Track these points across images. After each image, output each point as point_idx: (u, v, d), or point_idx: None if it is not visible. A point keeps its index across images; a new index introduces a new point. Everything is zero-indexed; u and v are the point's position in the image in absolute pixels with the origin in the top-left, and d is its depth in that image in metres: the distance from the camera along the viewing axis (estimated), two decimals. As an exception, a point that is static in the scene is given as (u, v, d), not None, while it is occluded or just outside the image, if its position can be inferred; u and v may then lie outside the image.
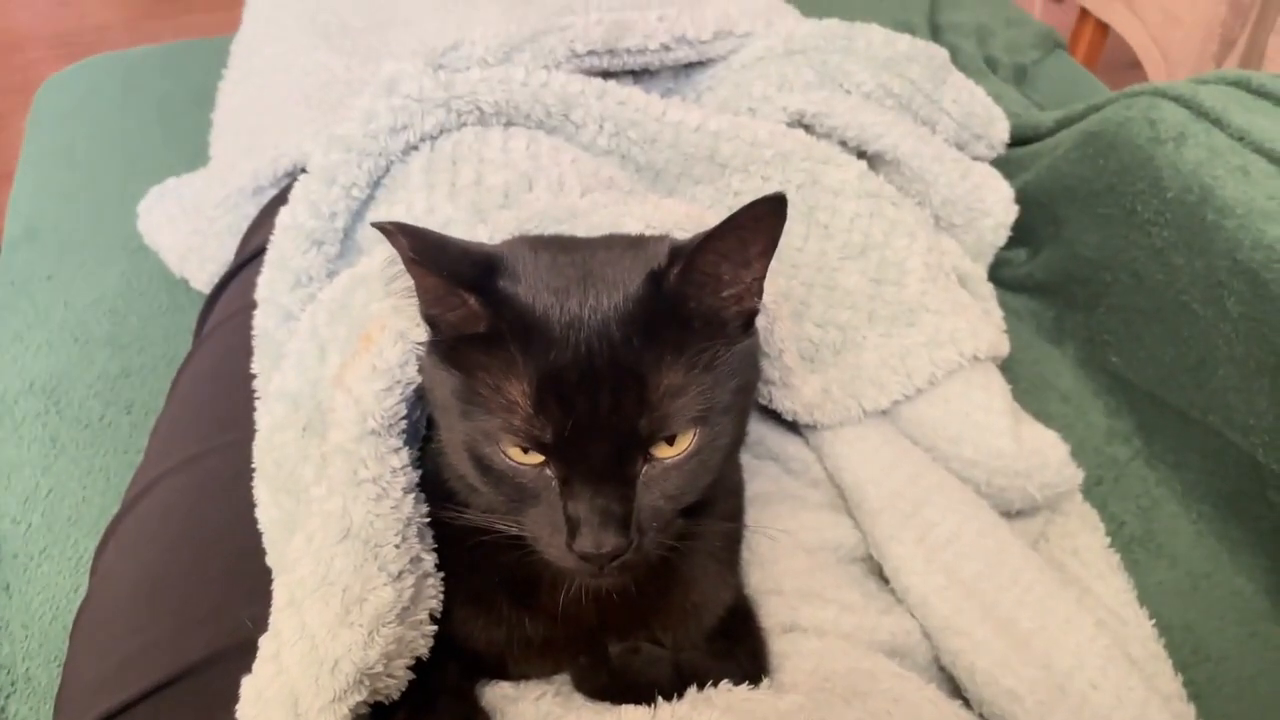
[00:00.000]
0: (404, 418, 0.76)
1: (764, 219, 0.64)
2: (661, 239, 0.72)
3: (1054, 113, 1.42)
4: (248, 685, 0.68)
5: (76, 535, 1.11)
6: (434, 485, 0.77)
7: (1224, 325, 1.06)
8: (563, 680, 0.79)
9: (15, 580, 1.08)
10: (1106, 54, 2.68)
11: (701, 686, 0.73)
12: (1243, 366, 1.05)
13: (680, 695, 0.72)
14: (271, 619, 0.71)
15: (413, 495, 0.75)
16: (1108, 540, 1.05)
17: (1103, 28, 2.58)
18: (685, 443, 0.66)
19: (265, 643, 0.70)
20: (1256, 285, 1.02)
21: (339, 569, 0.70)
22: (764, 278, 0.69)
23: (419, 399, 0.78)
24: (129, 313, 1.34)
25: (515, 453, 0.65)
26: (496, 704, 0.77)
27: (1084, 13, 2.62)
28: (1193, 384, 1.12)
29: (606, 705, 0.75)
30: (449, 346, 0.67)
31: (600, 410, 0.62)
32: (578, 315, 0.63)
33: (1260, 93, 1.18)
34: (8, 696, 0.99)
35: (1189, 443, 1.13)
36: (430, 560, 0.75)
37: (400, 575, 0.71)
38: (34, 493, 1.15)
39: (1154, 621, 0.98)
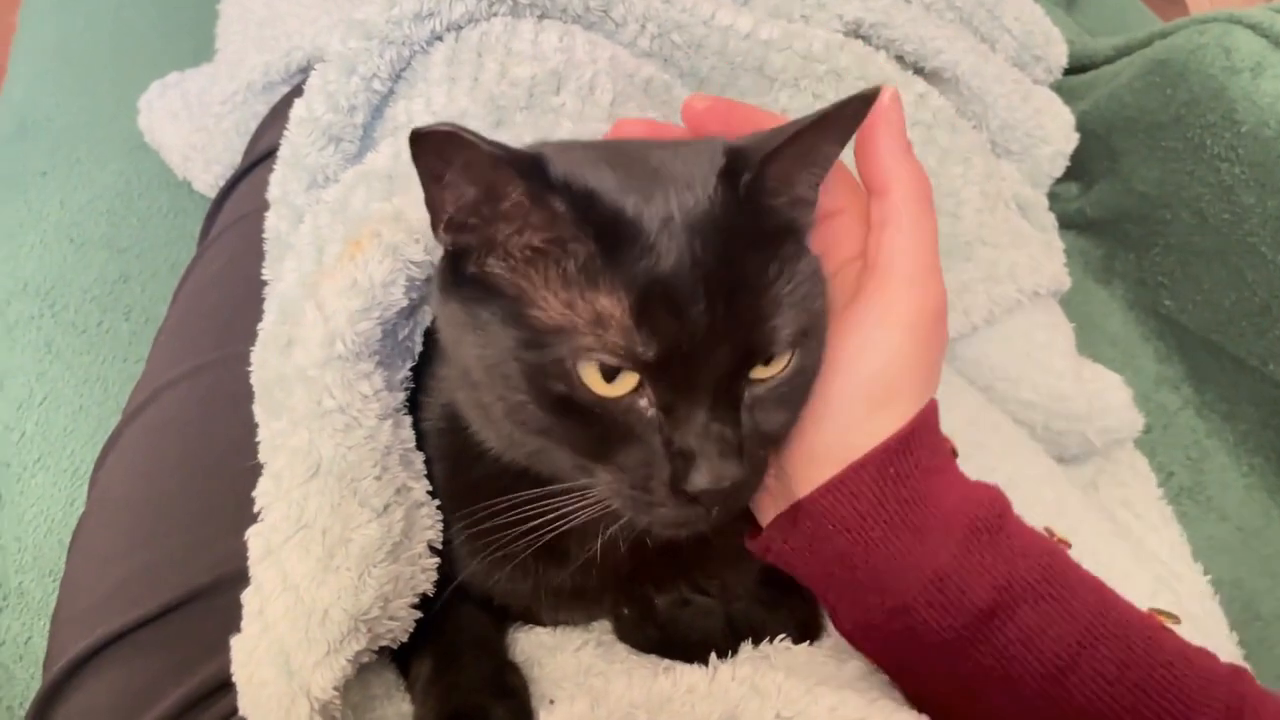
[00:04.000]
0: (381, 339, 0.68)
1: (850, 117, 0.57)
2: (711, 141, 0.64)
3: (1111, 39, 1.34)
4: (237, 646, 0.63)
5: (73, 446, 1.05)
6: (454, 426, 0.68)
7: (1295, 270, 1.00)
8: (603, 629, 0.74)
9: (8, 491, 1.03)
10: (1149, -14, 2.57)
11: (757, 641, 0.68)
12: (1313, 314, 0.99)
13: (734, 651, 0.67)
14: (251, 571, 0.65)
15: (390, 421, 0.67)
16: (1159, 491, 1.00)
17: (1148, -42, 2.47)
18: (783, 361, 0.58)
19: (248, 599, 0.64)
20: (1336, 228, 0.96)
21: (314, 510, 0.63)
22: (821, 181, 0.62)
23: (406, 316, 0.71)
24: (128, 214, 1.27)
25: (595, 381, 0.55)
26: (533, 653, 0.72)
27: (1130, -59, 2.51)
28: (1253, 331, 1.06)
29: (653, 658, 0.70)
30: (476, 275, 0.58)
31: (718, 322, 0.54)
32: (668, 216, 0.55)
33: (1343, 22, 1.10)
34: (-1, 611, 0.95)
35: (1243, 392, 1.08)
36: (421, 488, 0.68)
37: (386, 509, 0.64)
38: (28, 400, 1.09)
39: (1207, 578, 0.94)
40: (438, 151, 0.53)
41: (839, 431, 0.61)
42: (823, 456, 0.62)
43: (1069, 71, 1.31)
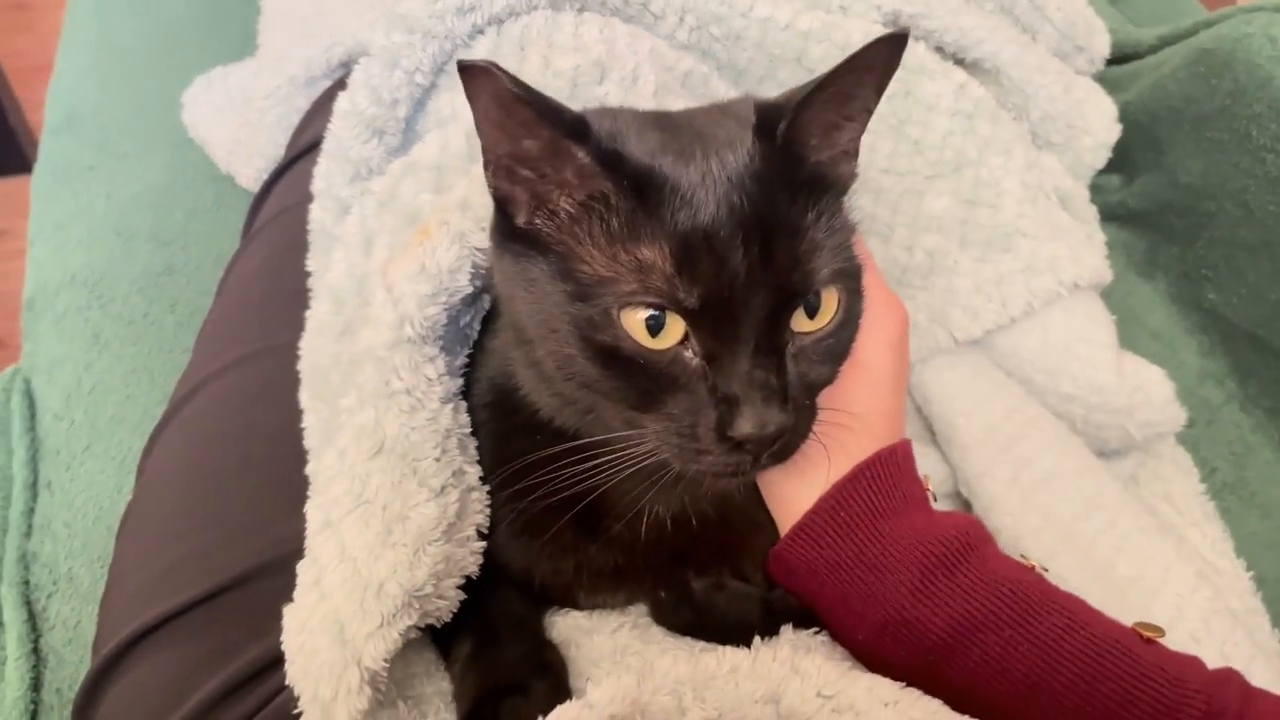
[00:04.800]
0: (445, 325, 0.70)
1: (880, 62, 0.58)
2: (743, 99, 0.66)
3: (1155, 29, 1.33)
4: (290, 615, 0.64)
5: (120, 434, 1.08)
6: (502, 398, 0.71)
7: (1344, 263, 0.99)
8: (639, 611, 0.75)
9: (57, 478, 1.05)
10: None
11: (797, 625, 0.68)
12: (1362, 309, 0.97)
13: (774, 634, 0.67)
14: (308, 543, 0.66)
15: (451, 406, 0.69)
16: (1202, 487, 0.99)
17: (1194, -54, 2.43)
18: (829, 314, 0.60)
19: (304, 569, 0.66)
20: (1386, 220, 0.94)
21: (375, 486, 0.65)
22: (861, 135, 0.64)
23: (469, 304, 0.72)
24: (173, 207, 1.29)
25: (641, 334, 0.57)
26: (570, 635, 0.73)
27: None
28: (1300, 325, 1.04)
29: (688, 641, 0.71)
30: (527, 230, 0.60)
31: (755, 268, 0.56)
32: (707, 170, 0.57)
33: (1394, 10, 1.08)
34: (49, 596, 0.96)
35: (1289, 387, 1.07)
36: (474, 473, 0.70)
37: (443, 490, 0.66)
38: (76, 389, 1.12)
39: (1250, 574, 0.92)
40: (478, 86, 0.55)
41: (778, 485, 0.68)
42: (782, 502, 0.69)
43: (1112, 62, 1.29)
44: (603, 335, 0.57)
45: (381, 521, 0.64)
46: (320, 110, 1.08)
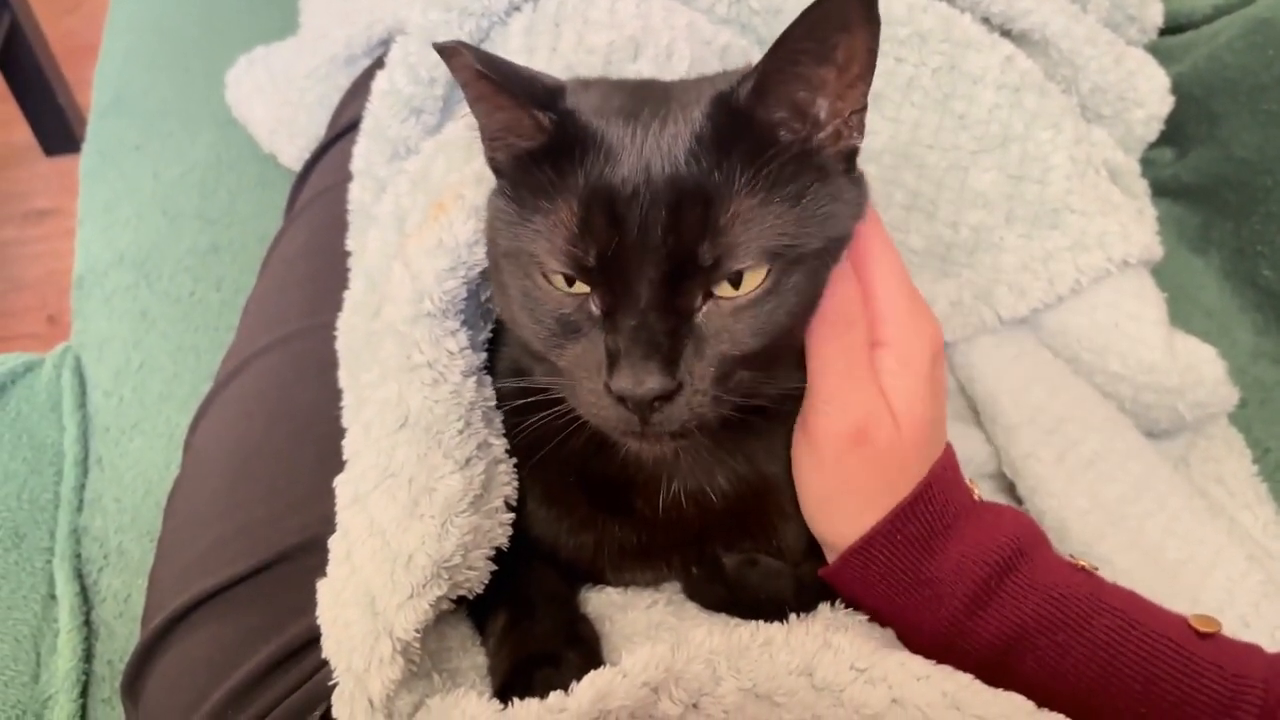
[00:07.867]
0: (465, 299, 0.70)
1: (851, 22, 0.54)
2: (747, 68, 0.64)
3: (1210, -2, 1.29)
4: (323, 588, 0.65)
5: (168, 411, 1.10)
6: (520, 374, 0.71)
7: (1406, 239, 0.95)
8: (674, 588, 0.75)
9: (107, 453, 1.07)
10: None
11: (834, 602, 0.68)
12: None
13: (810, 610, 0.67)
14: (339, 517, 0.67)
15: (474, 379, 0.70)
16: (1255, 468, 0.96)
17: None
18: (753, 284, 0.58)
19: (335, 543, 0.66)
20: None
21: (401, 459, 0.66)
22: (864, 110, 0.60)
23: (489, 278, 0.73)
24: (218, 186, 1.31)
25: (559, 281, 0.59)
26: (604, 610, 0.73)
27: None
28: (1360, 303, 1.01)
29: (723, 617, 0.71)
30: (511, 183, 0.62)
31: (653, 230, 0.55)
32: (642, 134, 0.57)
33: None
34: (100, 570, 0.99)
35: (1348, 367, 1.04)
36: (500, 445, 0.70)
37: (468, 462, 0.67)
38: (125, 366, 1.14)
39: (1304, 558, 0.90)
40: (456, 65, 0.59)
41: (819, 525, 0.69)
42: (826, 540, 0.69)
43: (1165, 32, 1.25)
44: (525, 280, 0.60)
45: (408, 494, 0.64)
46: (360, 89, 1.08)
